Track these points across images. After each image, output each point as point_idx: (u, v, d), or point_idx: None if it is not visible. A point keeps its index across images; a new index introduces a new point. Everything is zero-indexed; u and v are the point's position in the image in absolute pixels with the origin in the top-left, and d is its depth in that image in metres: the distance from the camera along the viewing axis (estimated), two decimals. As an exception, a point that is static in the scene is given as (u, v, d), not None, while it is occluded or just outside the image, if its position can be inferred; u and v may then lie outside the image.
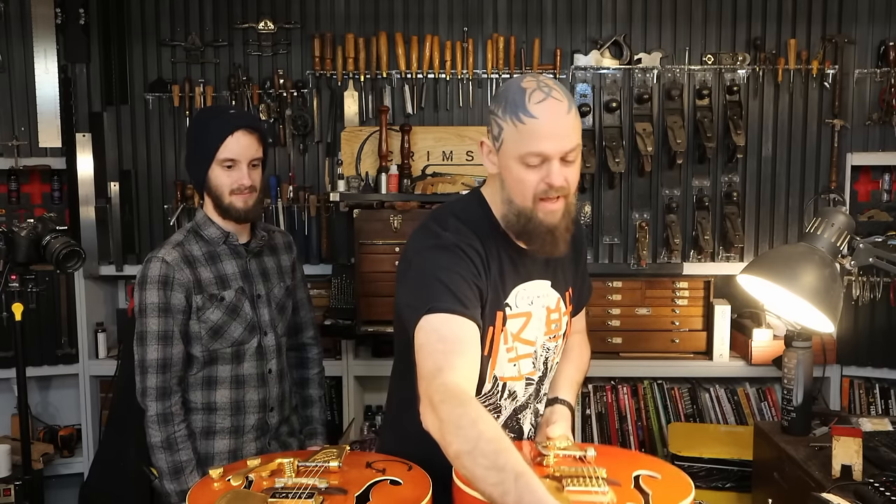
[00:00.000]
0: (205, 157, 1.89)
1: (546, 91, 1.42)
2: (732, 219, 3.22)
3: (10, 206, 3.28)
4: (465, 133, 3.21)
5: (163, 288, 1.89)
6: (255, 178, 1.93)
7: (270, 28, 3.26)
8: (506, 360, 1.56)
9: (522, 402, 1.64)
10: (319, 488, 1.33)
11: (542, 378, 1.66)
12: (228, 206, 1.92)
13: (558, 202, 1.45)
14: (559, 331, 1.65)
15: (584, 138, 3.14)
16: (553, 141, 1.40)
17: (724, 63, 3.22)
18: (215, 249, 1.96)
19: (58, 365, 3.33)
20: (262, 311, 2.00)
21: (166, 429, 1.89)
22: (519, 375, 1.60)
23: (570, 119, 1.42)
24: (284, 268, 2.10)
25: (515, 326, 1.56)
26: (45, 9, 3.19)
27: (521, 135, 1.41)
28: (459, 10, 3.28)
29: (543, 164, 1.42)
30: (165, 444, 1.89)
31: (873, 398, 3.22)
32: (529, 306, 1.57)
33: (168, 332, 1.90)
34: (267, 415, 2.02)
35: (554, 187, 1.42)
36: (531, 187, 1.43)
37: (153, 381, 1.89)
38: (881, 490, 1.78)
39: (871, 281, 3.14)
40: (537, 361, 1.63)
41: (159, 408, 1.89)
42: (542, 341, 1.62)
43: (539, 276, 1.59)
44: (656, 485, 1.34)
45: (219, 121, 1.90)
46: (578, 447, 1.47)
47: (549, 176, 1.41)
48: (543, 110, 1.40)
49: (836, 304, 1.69)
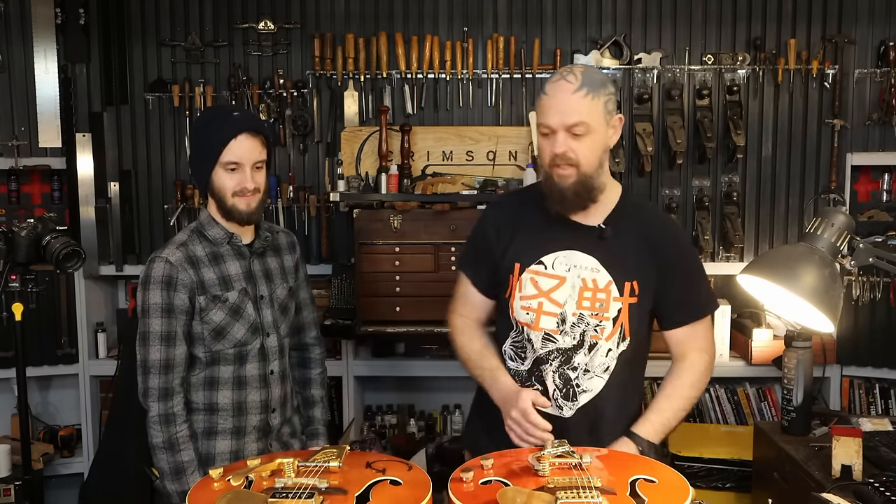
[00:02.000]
0: (208, 160, 1.89)
1: (564, 74, 1.68)
2: (732, 219, 3.22)
3: (10, 206, 3.28)
4: (465, 133, 3.21)
5: (166, 288, 1.89)
6: (259, 180, 1.92)
7: (270, 28, 3.26)
8: (519, 306, 1.79)
9: (542, 354, 1.78)
10: (319, 488, 1.32)
11: (575, 348, 1.76)
12: (231, 208, 1.91)
13: (568, 169, 1.68)
14: (605, 311, 1.75)
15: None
16: (556, 114, 1.66)
17: (724, 63, 3.22)
18: (219, 250, 1.96)
19: (58, 365, 3.33)
20: (265, 313, 1.99)
21: (168, 429, 1.89)
22: (535, 325, 1.77)
23: (578, 98, 1.65)
24: (287, 268, 2.09)
25: (547, 285, 1.77)
26: (45, 9, 3.19)
27: (540, 108, 1.71)
28: (459, 10, 3.28)
29: (552, 134, 1.67)
30: (167, 445, 1.89)
31: (873, 398, 3.22)
32: (566, 272, 1.76)
33: (171, 333, 1.89)
34: (269, 416, 2.02)
35: (557, 155, 1.67)
36: (546, 154, 1.71)
37: (155, 381, 1.89)
38: (881, 490, 1.78)
39: (871, 281, 3.14)
40: (566, 326, 1.75)
41: (161, 408, 1.89)
42: (573, 309, 1.75)
43: (585, 250, 1.76)
44: (653, 490, 1.34)
45: (222, 123, 1.89)
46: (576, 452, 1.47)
47: (554, 145, 1.67)
48: (553, 88, 1.68)
49: (836, 304, 1.69)
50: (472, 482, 1.37)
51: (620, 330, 1.75)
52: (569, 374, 1.77)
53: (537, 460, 1.42)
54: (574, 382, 1.77)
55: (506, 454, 1.52)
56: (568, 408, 1.77)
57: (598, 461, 1.47)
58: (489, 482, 1.38)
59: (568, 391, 1.77)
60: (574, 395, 1.77)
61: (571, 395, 1.77)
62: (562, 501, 1.25)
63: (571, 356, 1.76)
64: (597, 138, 1.68)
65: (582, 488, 1.29)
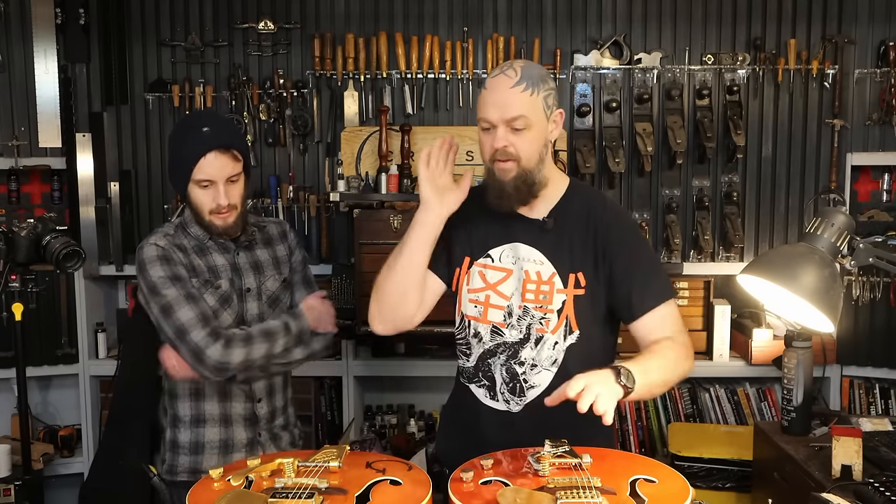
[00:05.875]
0: (181, 176, 1.89)
1: (504, 69, 1.68)
2: (732, 219, 3.22)
3: (10, 206, 3.28)
4: (465, 133, 3.21)
5: (166, 263, 1.89)
6: (234, 194, 1.91)
7: (270, 28, 3.26)
8: (467, 299, 1.80)
9: (490, 347, 1.78)
10: (319, 488, 1.33)
11: (522, 342, 1.75)
12: (209, 225, 1.93)
13: (509, 164, 1.68)
14: (548, 303, 1.73)
15: (584, 138, 3.20)
16: (495, 109, 1.66)
17: (724, 63, 3.22)
18: (203, 243, 1.98)
19: (58, 365, 3.33)
20: (250, 306, 1.99)
21: (238, 343, 1.85)
22: (482, 318, 1.78)
23: (516, 93, 1.65)
24: (281, 258, 2.08)
25: (494, 277, 1.78)
26: (45, 9, 3.19)
27: (480, 103, 1.71)
28: (459, 10, 3.28)
29: (493, 129, 1.68)
30: (251, 340, 1.87)
31: (873, 398, 3.22)
32: (512, 265, 1.77)
33: (190, 293, 1.87)
34: (255, 405, 2.02)
35: (497, 150, 1.67)
36: (486, 149, 1.71)
37: (200, 334, 1.83)
38: (881, 490, 1.78)
39: (871, 281, 3.14)
40: (512, 320, 1.76)
41: (220, 346, 1.82)
42: (518, 302, 1.75)
43: (528, 243, 1.76)
44: (653, 490, 1.34)
45: (192, 140, 1.87)
46: (575, 452, 1.47)
47: (494, 139, 1.67)
48: (493, 83, 1.68)
49: (836, 304, 1.69)
50: (472, 482, 1.38)
51: (566, 322, 1.73)
52: (515, 369, 1.76)
53: (537, 460, 1.42)
54: (521, 378, 1.75)
55: (506, 454, 1.52)
56: (515, 403, 1.77)
57: (597, 462, 1.46)
58: (489, 482, 1.38)
59: (515, 386, 1.76)
60: (521, 390, 1.76)
61: (518, 390, 1.76)
62: (562, 501, 1.25)
63: (518, 350, 1.75)
64: (537, 133, 1.68)
65: (582, 488, 1.29)
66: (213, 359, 1.83)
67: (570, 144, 3.21)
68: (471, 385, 1.83)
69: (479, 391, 1.81)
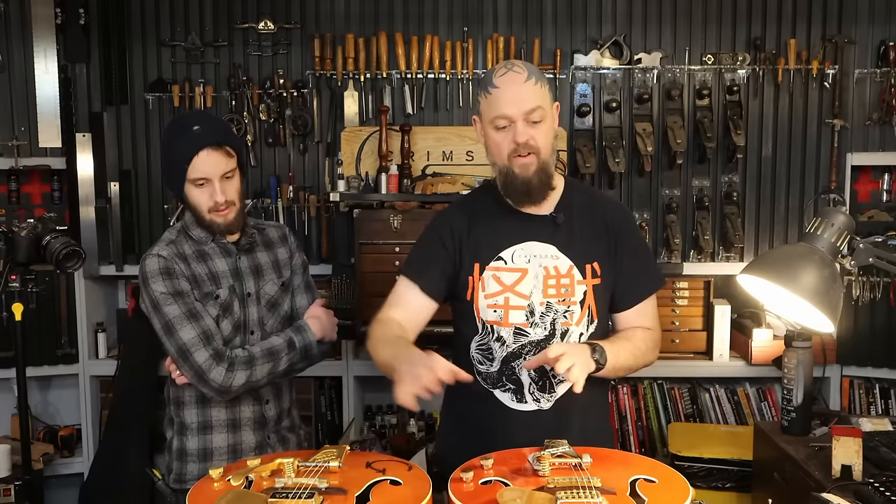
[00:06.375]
0: (177, 176, 1.90)
1: (509, 67, 1.72)
2: (732, 219, 3.22)
3: (10, 206, 3.28)
4: (465, 133, 3.21)
5: (168, 277, 1.89)
6: (231, 190, 1.91)
7: (270, 28, 3.26)
8: (485, 305, 1.79)
9: (514, 349, 1.78)
10: (319, 488, 1.33)
11: (548, 338, 1.76)
12: (210, 224, 1.93)
13: (529, 157, 1.71)
14: (571, 296, 1.76)
15: (584, 138, 3.20)
16: (513, 104, 1.68)
17: (724, 63, 3.22)
18: (205, 248, 1.97)
19: (58, 365, 3.33)
20: (250, 310, 1.99)
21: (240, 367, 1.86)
22: (504, 321, 1.77)
23: (530, 86, 1.69)
24: (282, 261, 2.09)
25: (510, 279, 1.78)
26: (45, 9, 3.19)
27: (490, 103, 1.71)
28: (459, 10, 3.28)
29: (510, 125, 1.69)
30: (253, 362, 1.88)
31: (873, 398, 3.22)
32: (526, 264, 1.77)
33: (192, 310, 1.88)
34: (263, 407, 2.02)
35: (520, 144, 1.69)
36: (504, 147, 1.71)
37: (203, 355, 1.84)
38: (881, 490, 1.78)
39: (871, 281, 3.14)
40: (535, 318, 1.76)
41: (223, 369, 1.84)
42: (539, 298, 1.76)
43: (542, 240, 1.78)
44: (653, 490, 1.34)
45: (184, 140, 1.88)
46: (575, 452, 1.47)
47: (515, 135, 1.68)
48: (504, 80, 1.70)
49: (836, 304, 1.69)
50: (472, 482, 1.38)
51: (588, 312, 1.78)
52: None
53: (537, 460, 1.42)
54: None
55: (506, 454, 1.51)
56: (546, 400, 1.78)
57: (598, 461, 1.46)
58: (489, 482, 1.38)
59: (545, 383, 1.77)
60: (551, 386, 1.78)
61: (549, 386, 1.78)
62: (562, 501, 1.25)
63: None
64: (550, 124, 1.73)
65: (582, 488, 1.29)
66: (216, 382, 1.85)
67: (570, 144, 3.21)
68: (495, 391, 1.81)
69: (505, 395, 1.80)
